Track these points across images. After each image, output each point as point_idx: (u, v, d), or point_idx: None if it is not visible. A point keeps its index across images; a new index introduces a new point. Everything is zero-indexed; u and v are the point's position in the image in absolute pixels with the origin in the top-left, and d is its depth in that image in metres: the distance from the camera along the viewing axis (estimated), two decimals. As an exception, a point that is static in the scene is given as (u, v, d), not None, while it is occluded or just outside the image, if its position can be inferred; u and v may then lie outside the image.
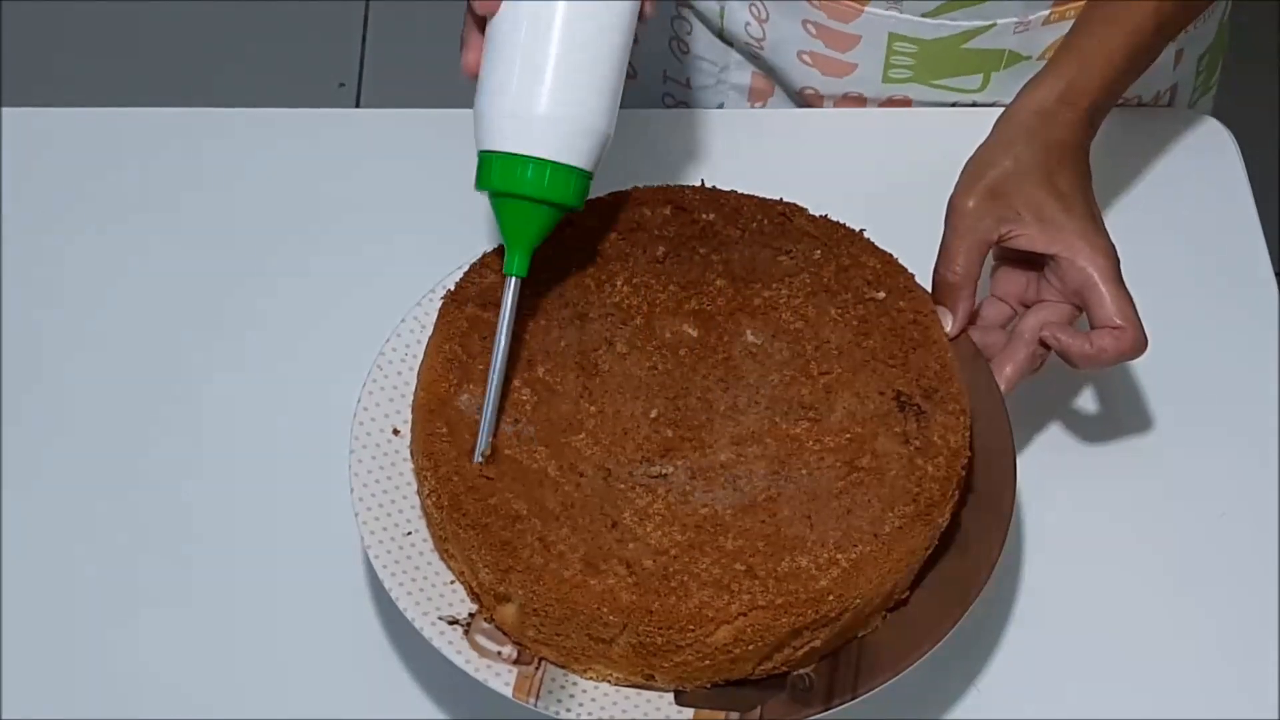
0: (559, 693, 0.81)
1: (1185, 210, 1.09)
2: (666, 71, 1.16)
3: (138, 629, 0.91)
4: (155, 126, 1.13)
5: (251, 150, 1.11)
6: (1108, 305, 0.88)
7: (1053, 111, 0.91)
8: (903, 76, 1.08)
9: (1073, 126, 0.91)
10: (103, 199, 1.09)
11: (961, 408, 0.86)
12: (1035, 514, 0.94)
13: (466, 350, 0.87)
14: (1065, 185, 0.90)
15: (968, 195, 0.90)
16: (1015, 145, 0.90)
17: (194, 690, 0.89)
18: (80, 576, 0.93)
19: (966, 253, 0.90)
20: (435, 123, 1.15)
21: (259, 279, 1.05)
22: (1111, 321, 0.88)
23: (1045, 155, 0.90)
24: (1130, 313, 0.88)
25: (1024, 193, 0.89)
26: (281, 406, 0.99)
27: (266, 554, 0.94)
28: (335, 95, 2.26)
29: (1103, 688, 0.90)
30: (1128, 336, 0.88)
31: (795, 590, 0.79)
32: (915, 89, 1.09)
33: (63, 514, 0.95)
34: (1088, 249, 0.89)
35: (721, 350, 0.88)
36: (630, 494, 0.82)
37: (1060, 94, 0.91)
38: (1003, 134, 0.92)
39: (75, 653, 0.91)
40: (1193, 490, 0.97)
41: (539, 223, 0.84)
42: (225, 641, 0.91)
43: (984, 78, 1.08)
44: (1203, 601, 0.93)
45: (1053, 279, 0.90)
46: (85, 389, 1.00)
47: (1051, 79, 0.92)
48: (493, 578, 0.81)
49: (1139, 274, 1.05)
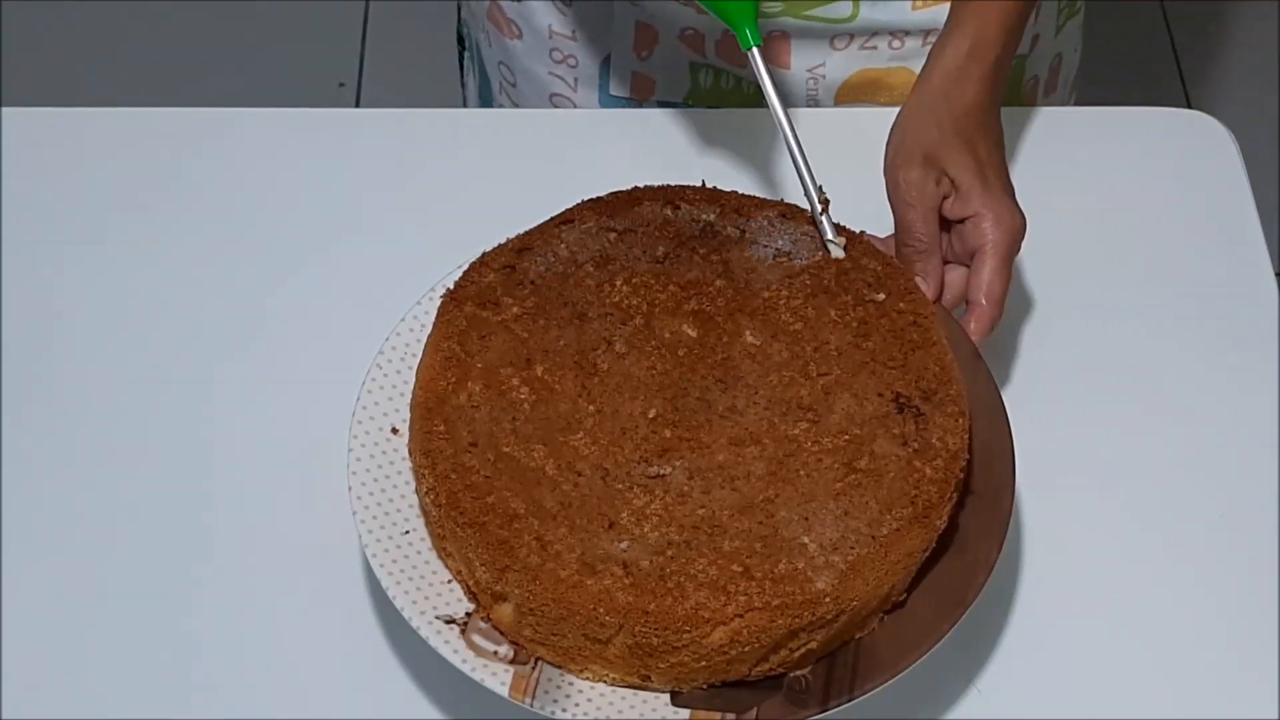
0: (555, 693, 0.81)
1: (1185, 210, 1.09)
2: (552, 26, 1.17)
3: (136, 628, 0.91)
4: (155, 126, 1.13)
5: (251, 150, 1.11)
6: (982, 278, 0.92)
7: (964, 70, 0.95)
8: (775, 10, 1.09)
9: (984, 82, 0.95)
10: (103, 199, 1.09)
11: (960, 410, 0.86)
12: (1035, 514, 0.94)
13: (465, 349, 0.87)
14: (984, 152, 0.94)
15: (910, 166, 0.93)
16: (937, 110, 0.94)
17: (191, 688, 0.89)
18: (79, 576, 0.93)
19: (925, 221, 0.93)
20: (435, 123, 1.15)
21: (259, 279, 1.05)
22: (977, 297, 0.92)
23: (966, 120, 0.94)
24: (998, 294, 0.92)
25: (952, 160, 0.93)
26: (281, 405, 0.99)
27: (264, 552, 0.94)
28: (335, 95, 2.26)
29: (1103, 688, 0.90)
30: (985, 316, 0.92)
31: (792, 592, 0.79)
32: (788, 22, 1.10)
33: (61, 513, 0.95)
34: (992, 219, 0.92)
35: (721, 351, 0.88)
36: (628, 494, 0.82)
37: (968, 51, 0.95)
38: (923, 100, 0.95)
39: (75, 653, 0.91)
40: (1193, 490, 0.97)
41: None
42: (223, 640, 0.91)
43: (852, 4, 1.09)
44: (1203, 602, 0.93)
45: (955, 241, 0.94)
46: (85, 388, 1.00)
47: (957, 37, 0.96)
48: (490, 577, 0.81)
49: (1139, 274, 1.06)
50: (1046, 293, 1.03)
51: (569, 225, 0.92)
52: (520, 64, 1.22)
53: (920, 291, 0.91)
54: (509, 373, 0.86)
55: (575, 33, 1.17)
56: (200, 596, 0.92)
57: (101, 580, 0.93)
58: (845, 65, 1.13)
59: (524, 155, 1.11)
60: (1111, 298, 1.04)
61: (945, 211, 0.94)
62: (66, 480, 0.97)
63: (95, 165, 1.10)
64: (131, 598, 0.92)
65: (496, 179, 1.09)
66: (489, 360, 0.86)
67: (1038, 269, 1.03)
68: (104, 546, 0.94)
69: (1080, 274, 1.05)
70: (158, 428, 0.99)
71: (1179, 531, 0.95)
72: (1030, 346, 1.02)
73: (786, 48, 1.12)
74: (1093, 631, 0.91)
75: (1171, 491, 0.97)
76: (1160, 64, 2.34)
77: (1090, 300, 1.04)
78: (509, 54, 1.22)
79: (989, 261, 0.92)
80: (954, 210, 0.93)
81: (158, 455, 0.98)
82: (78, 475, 0.97)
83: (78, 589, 0.93)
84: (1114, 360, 1.01)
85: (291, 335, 1.02)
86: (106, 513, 0.95)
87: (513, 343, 0.87)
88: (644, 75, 1.17)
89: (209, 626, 0.91)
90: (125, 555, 0.94)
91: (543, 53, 1.20)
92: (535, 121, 1.16)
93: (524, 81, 1.22)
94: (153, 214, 1.08)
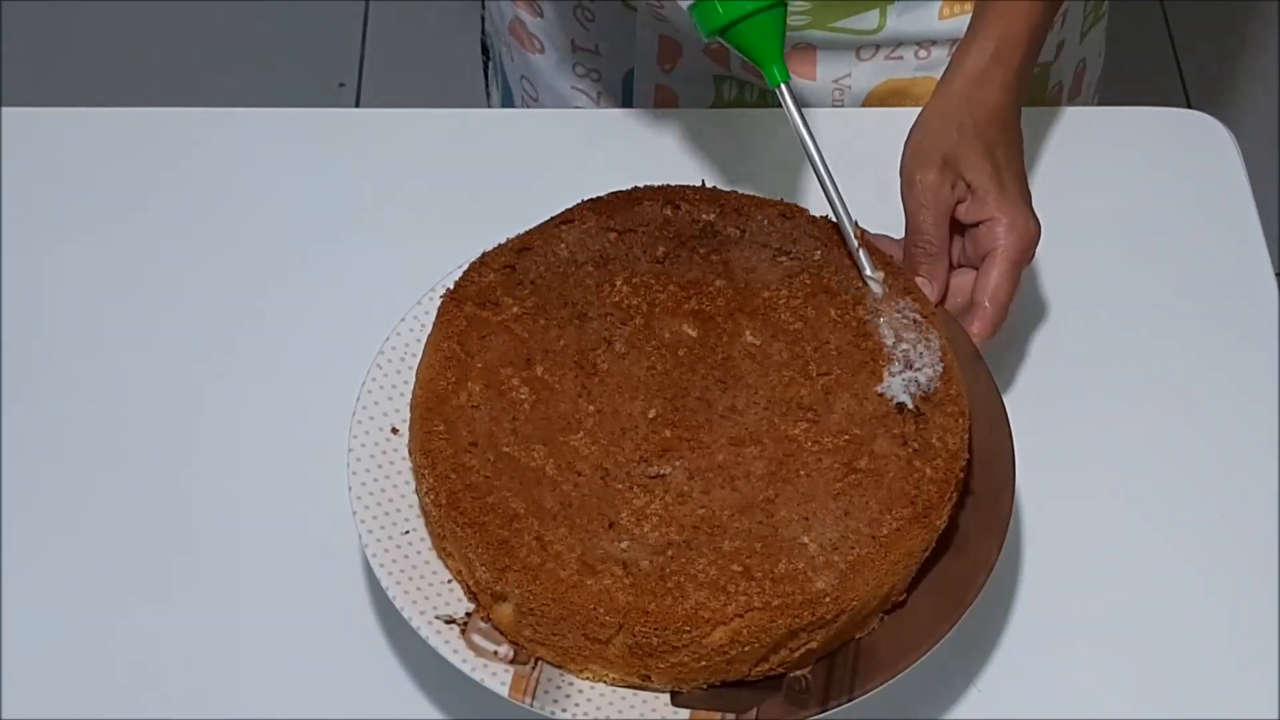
0: (555, 693, 0.81)
1: (1185, 210, 1.09)
2: (575, 41, 1.17)
3: (135, 628, 0.91)
4: (155, 126, 1.13)
5: (251, 150, 1.11)
6: (989, 281, 0.92)
7: (987, 73, 0.94)
8: (801, 23, 1.09)
9: (1006, 86, 0.95)
10: (103, 199, 1.09)
11: (960, 410, 0.86)
12: (1034, 515, 0.94)
13: (465, 349, 0.87)
14: (1002, 157, 0.94)
15: (927, 168, 0.93)
16: (959, 114, 0.94)
17: (191, 689, 0.89)
18: (78, 576, 0.93)
19: (936, 224, 0.93)
20: (435, 123, 1.15)
21: (259, 279, 1.05)
22: (982, 299, 0.92)
23: (987, 125, 0.94)
24: (1003, 298, 0.92)
25: (970, 164, 0.93)
26: (281, 405, 0.99)
27: (265, 552, 0.94)
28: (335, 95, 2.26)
29: (1103, 688, 0.90)
30: (988, 318, 0.92)
31: (792, 592, 0.79)
32: (814, 34, 1.10)
33: (61, 513, 0.95)
34: (1006, 224, 0.92)
35: (721, 350, 0.88)
36: (628, 494, 0.82)
37: (992, 54, 0.94)
38: (945, 102, 0.95)
39: (74, 653, 0.91)
40: (1193, 490, 0.96)
41: (775, 27, 0.89)
42: (223, 640, 0.91)
43: (880, 15, 1.09)
44: (1203, 602, 0.93)
45: (968, 244, 0.94)
46: (85, 388, 1.00)
47: (981, 39, 0.95)
48: (489, 576, 0.81)
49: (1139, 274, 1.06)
50: (1046, 292, 1.03)
51: (569, 225, 0.92)
52: (543, 79, 1.21)
53: (920, 291, 0.91)
54: (509, 373, 0.86)
55: (598, 46, 1.17)
56: (200, 596, 0.92)
57: (101, 580, 0.93)
58: (871, 76, 1.12)
59: (524, 155, 1.11)
60: (1111, 297, 1.04)
61: (960, 215, 0.93)
62: (67, 480, 0.97)
63: (95, 165, 1.10)
64: (131, 597, 0.92)
65: (496, 179, 1.09)
66: (489, 360, 0.86)
67: (1037, 268, 1.03)
68: (103, 546, 0.94)
69: (1080, 274, 1.04)
70: (158, 428, 0.99)
71: (1179, 531, 0.95)
72: (1030, 346, 1.02)
73: (812, 59, 1.11)
74: (1093, 631, 0.91)
75: (1171, 491, 0.97)
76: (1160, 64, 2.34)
77: (1090, 300, 1.04)
78: (531, 68, 1.22)
79: (998, 265, 0.91)
80: (968, 214, 0.93)
81: (158, 455, 0.98)
82: (78, 475, 0.97)
83: (77, 589, 0.93)
84: (1114, 360, 1.01)
85: (292, 335, 1.02)
86: (106, 513, 0.95)
87: (513, 343, 0.87)
88: (668, 88, 1.16)
89: (208, 626, 0.91)
90: (125, 555, 0.94)
91: (566, 67, 1.19)
92: (536, 122, 1.16)
93: (546, 96, 1.22)
94: (153, 214, 1.08)
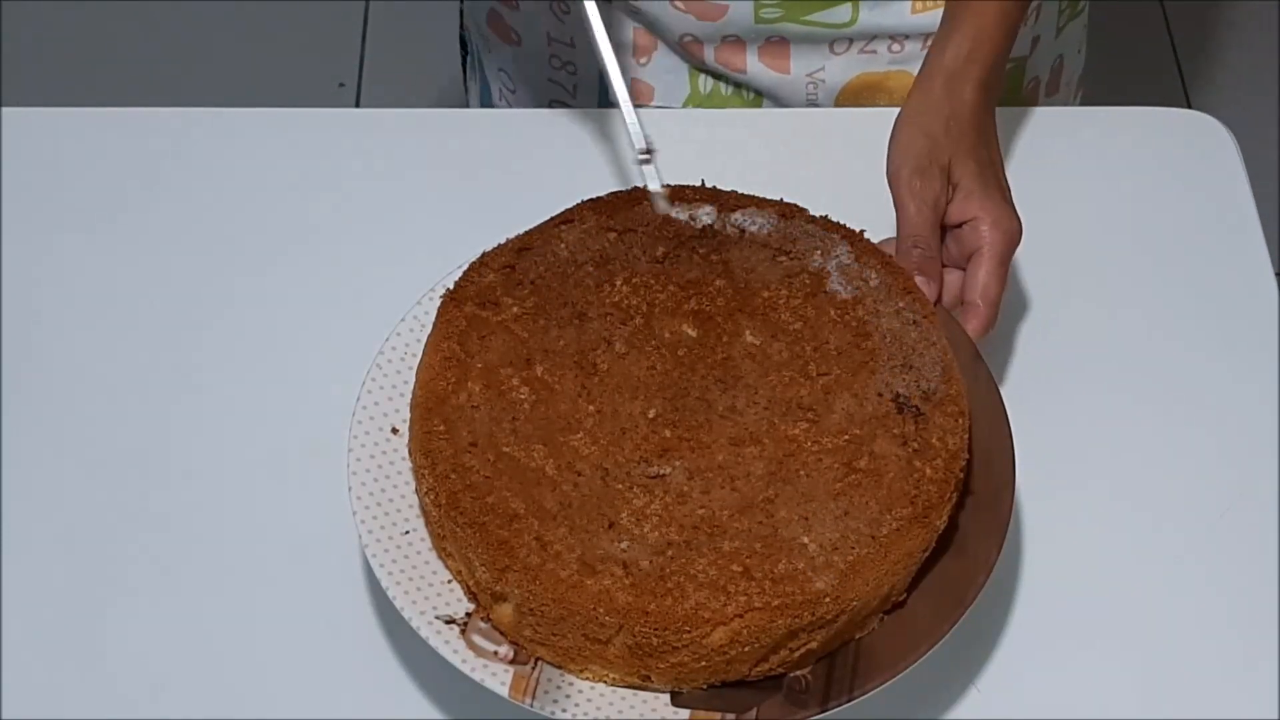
0: (555, 693, 0.81)
1: (1185, 210, 1.09)
2: (550, 33, 1.17)
3: (135, 628, 0.91)
4: (155, 126, 1.13)
5: (251, 150, 1.11)
6: (979, 280, 0.92)
7: (964, 71, 0.95)
8: (774, 16, 1.09)
9: (983, 83, 0.95)
10: (102, 199, 1.09)
11: (960, 410, 0.86)
12: (1034, 515, 0.94)
13: (465, 349, 0.87)
14: (985, 155, 0.94)
15: (914, 167, 0.93)
16: (940, 112, 0.94)
17: (191, 688, 0.89)
18: (78, 576, 0.93)
19: (932, 225, 0.93)
20: (435, 123, 1.15)
21: (259, 278, 1.05)
22: (973, 298, 0.92)
23: (967, 122, 0.94)
24: (993, 295, 0.92)
25: (955, 162, 0.93)
26: (280, 405, 0.99)
27: (264, 552, 0.94)
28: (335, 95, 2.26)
29: (1103, 688, 0.90)
30: (981, 316, 0.92)
31: (792, 592, 0.79)
32: (788, 27, 1.10)
33: (61, 513, 0.95)
34: (990, 222, 0.92)
35: (720, 351, 0.88)
36: (628, 494, 0.82)
37: (968, 52, 0.95)
38: (924, 101, 0.95)
39: (74, 652, 0.91)
40: (1193, 491, 0.96)
41: None
42: (223, 640, 0.91)
43: (852, 9, 1.09)
44: (1203, 602, 0.93)
45: (951, 244, 0.94)
46: (84, 388, 1.00)
47: (956, 37, 0.96)
48: (489, 577, 0.81)
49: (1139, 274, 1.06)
50: (1046, 292, 1.03)
51: (569, 225, 0.92)
52: (520, 71, 1.21)
53: (920, 291, 0.91)
54: (509, 373, 0.86)
55: (574, 39, 1.17)
56: (200, 597, 0.92)
57: (100, 580, 0.93)
58: (845, 69, 1.13)
59: (524, 155, 1.11)
60: (1111, 298, 1.04)
61: (945, 215, 0.94)
62: (66, 480, 0.97)
63: (95, 165, 1.10)
64: (131, 597, 0.92)
65: (496, 179, 1.09)
66: (489, 360, 0.86)
67: (1038, 269, 1.03)
68: (103, 546, 0.94)
69: (1080, 274, 1.05)
70: (158, 427, 0.99)
71: (1179, 531, 0.95)
72: (1030, 347, 1.02)
73: (786, 53, 1.12)
74: (1093, 631, 0.91)
75: (1172, 491, 0.97)
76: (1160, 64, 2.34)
77: (1090, 300, 1.04)
78: (508, 61, 1.22)
79: (985, 264, 0.92)
80: (954, 214, 0.93)
81: (158, 455, 0.98)
82: (78, 475, 0.97)
83: (77, 589, 0.93)
84: (1114, 360, 1.01)
85: (292, 335, 1.02)
86: (106, 513, 0.95)
87: (513, 343, 0.87)
88: (642, 82, 1.17)
89: (208, 626, 0.91)
90: (124, 555, 0.94)
91: (542, 60, 1.19)
92: (535, 121, 1.16)
93: (523, 88, 1.22)
94: (152, 214, 1.08)
